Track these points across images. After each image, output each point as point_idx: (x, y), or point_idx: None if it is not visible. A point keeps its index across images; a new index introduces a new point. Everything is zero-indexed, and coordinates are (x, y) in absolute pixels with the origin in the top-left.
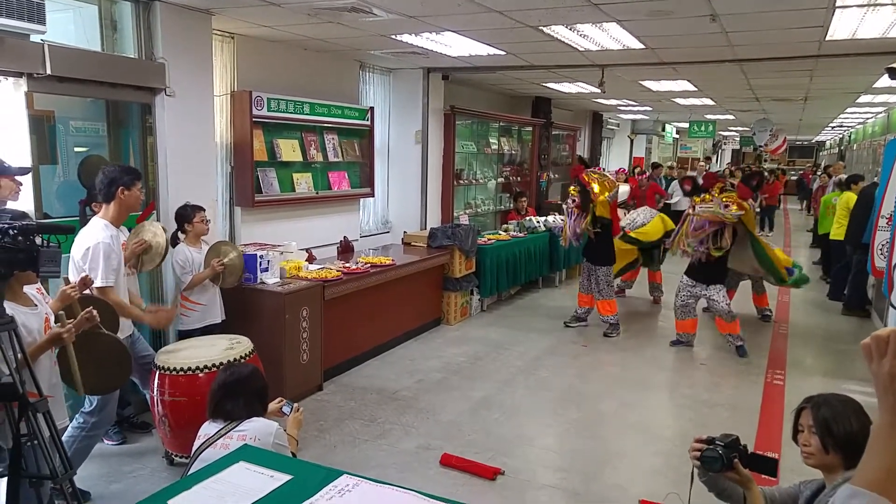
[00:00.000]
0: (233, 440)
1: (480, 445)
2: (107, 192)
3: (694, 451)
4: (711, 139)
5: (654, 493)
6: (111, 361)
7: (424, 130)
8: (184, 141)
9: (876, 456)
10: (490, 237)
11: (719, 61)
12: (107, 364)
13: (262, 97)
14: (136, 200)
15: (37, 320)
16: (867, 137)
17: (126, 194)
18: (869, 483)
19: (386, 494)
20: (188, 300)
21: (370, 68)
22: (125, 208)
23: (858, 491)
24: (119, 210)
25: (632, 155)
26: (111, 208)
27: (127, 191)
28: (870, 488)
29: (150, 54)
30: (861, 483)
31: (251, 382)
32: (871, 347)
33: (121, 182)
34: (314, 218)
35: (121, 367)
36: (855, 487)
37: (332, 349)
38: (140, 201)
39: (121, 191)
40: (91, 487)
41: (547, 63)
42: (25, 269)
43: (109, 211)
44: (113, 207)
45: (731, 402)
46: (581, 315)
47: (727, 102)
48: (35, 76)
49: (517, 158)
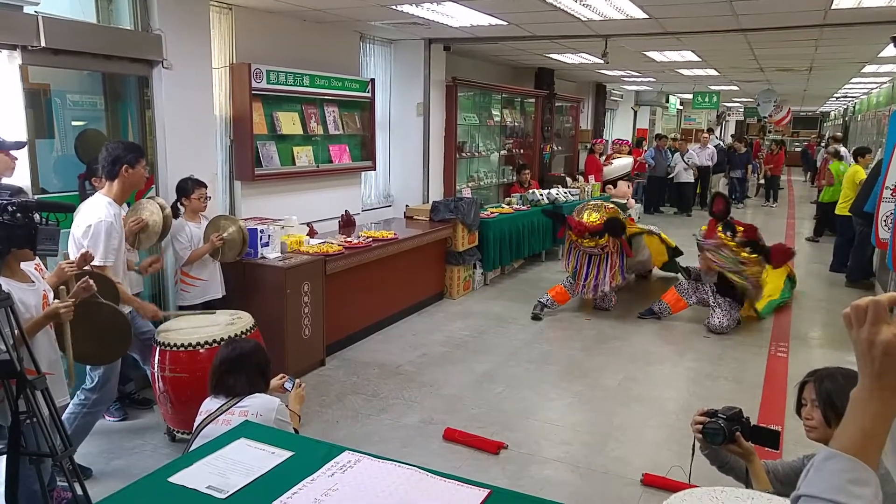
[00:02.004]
0: (234, 416)
1: (483, 419)
2: (110, 169)
3: (696, 423)
4: (715, 110)
5: (658, 466)
6: (112, 331)
7: (426, 102)
8: (182, 114)
9: (853, 421)
10: (493, 210)
11: (724, 31)
12: (108, 334)
13: (261, 69)
14: (140, 178)
15: (34, 296)
16: (871, 108)
17: (130, 172)
18: (845, 447)
19: (388, 470)
20: (188, 275)
21: (371, 39)
22: (129, 186)
23: (835, 453)
24: (123, 188)
25: (635, 126)
26: (115, 186)
27: (131, 169)
28: (846, 451)
29: (147, 26)
30: (838, 446)
31: (253, 358)
32: (851, 316)
33: (125, 160)
34: (315, 192)
35: (122, 338)
36: (832, 450)
37: (334, 324)
38: (144, 179)
39: (125, 169)
40: (92, 464)
41: (550, 34)
42: (23, 246)
43: (113, 188)
44: (117, 185)
45: (735, 374)
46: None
47: (731, 73)
48: (29, 49)
49: (520, 130)
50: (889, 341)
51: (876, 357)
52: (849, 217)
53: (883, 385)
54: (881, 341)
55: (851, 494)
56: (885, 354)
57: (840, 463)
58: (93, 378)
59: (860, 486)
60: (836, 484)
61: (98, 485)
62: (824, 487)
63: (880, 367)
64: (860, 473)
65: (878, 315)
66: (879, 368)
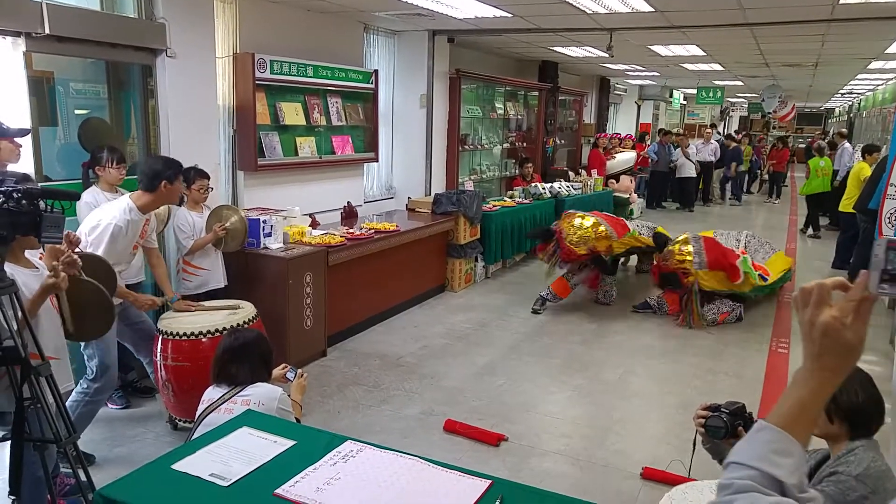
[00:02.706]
0: (237, 405)
1: (484, 412)
2: (149, 183)
3: (699, 418)
4: (719, 106)
5: (658, 459)
6: (93, 308)
7: (429, 94)
8: (185, 104)
9: (791, 395)
10: (495, 203)
11: (730, 25)
12: (88, 311)
13: (264, 59)
14: (177, 193)
15: (38, 282)
16: (877, 105)
17: (168, 188)
18: (778, 420)
19: (389, 460)
20: (190, 265)
21: (374, 30)
22: (164, 200)
23: (766, 425)
24: (156, 202)
25: (639, 121)
26: (148, 197)
27: (170, 185)
28: (779, 425)
29: (151, 14)
30: (773, 420)
31: (256, 347)
32: (798, 299)
33: (164, 176)
34: (318, 183)
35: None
36: (763, 422)
37: (335, 315)
38: (179, 194)
39: (164, 185)
40: (95, 451)
41: (554, 26)
42: (27, 234)
43: (144, 198)
44: (151, 197)
45: (736, 370)
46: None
47: (736, 68)
48: (33, 35)
49: (523, 124)
50: (827, 323)
51: (816, 338)
52: (852, 214)
53: (822, 365)
54: (821, 323)
55: (773, 463)
56: (823, 335)
57: (768, 434)
58: (93, 368)
59: (782, 456)
60: (761, 453)
61: (101, 472)
62: (750, 455)
63: (819, 348)
64: (785, 445)
65: (821, 298)
66: (819, 349)
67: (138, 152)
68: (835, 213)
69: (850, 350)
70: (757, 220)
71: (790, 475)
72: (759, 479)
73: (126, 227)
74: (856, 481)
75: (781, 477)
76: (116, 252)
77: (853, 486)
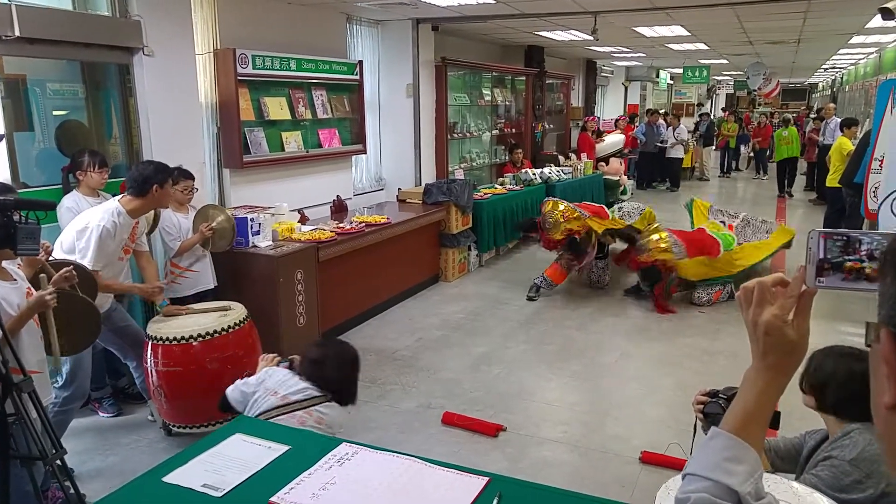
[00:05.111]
0: (310, 418)
1: (482, 402)
2: (139, 188)
3: (697, 404)
4: (706, 84)
5: (656, 443)
6: (81, 321)
7: (415, 83)
8: (166, 102)
9: (740, 398)
10: (486, 191)
11: (713, 5)
12: (76, 325)
13: (246, 55)
14: (169, 196)
15: (17, 294)
16: (859, 79)
17: (160, 192)
18: (731, 425)
19: (386, 461)
20: (178, 267)
21: (357, 21)
22: (155, 204)
23: (718, 432)
24: (146, 206)
25: (626, 102)
26: (138, 201)
27: (160, 189)
28: (732, 429)
29: (125, 11)
30: (725, 426)
31: (355, 370)
32: (741, 298)
33: (155, 180)
34: (305, 177)
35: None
36: (716, 429)
37: (329, 311)
38: (171, 197)
39: (155, 189)
40: (87, 461)
41: (538, 11)
42: (3, 246)
43: (134, 203)
44: (142, 201)
45: (731, 349)
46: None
47: (721, 47)
48: (3, 39)
49: (511, 109)
50: (769, 322)
51: (759, 337)
52: (838, 188)
53: (767, 364)
54: (762, 322)
55: (726, 472)
56: (766, 334)
57: (721, 441)
58: (62, 376)
59: (735, 463)
60: (714, 462)
61: (94, 482)
62: (703, 465)
63: (763, 347)
64: (737, 451)
65: (762, 296)
66: (763, 348)
67: (120, 153)
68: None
69: (794, 347)
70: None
71: (743, 483)
72: (714, 491)
73: (114, 229)
74: (850, 466)
75: (735, 486)
76: (106, 255)
77: (847, 471)
